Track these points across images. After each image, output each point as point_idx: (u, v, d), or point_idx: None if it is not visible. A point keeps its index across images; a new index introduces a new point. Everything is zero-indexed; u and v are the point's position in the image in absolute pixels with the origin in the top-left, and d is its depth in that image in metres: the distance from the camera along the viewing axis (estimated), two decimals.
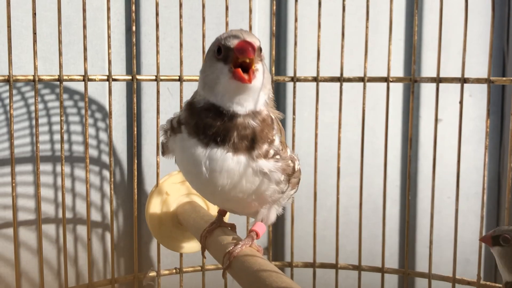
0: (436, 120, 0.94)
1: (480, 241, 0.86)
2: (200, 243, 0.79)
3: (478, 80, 0.92)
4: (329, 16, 1.08)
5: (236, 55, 0.62)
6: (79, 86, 1.03)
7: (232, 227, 0.79)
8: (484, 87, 1.08)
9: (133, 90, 0.91)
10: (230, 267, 0.69)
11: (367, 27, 0.96)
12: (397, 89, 1.18)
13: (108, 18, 0.87)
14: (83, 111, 1.02)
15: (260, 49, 0.65)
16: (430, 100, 1.18)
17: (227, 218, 0.86)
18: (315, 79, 0.98)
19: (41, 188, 1.00)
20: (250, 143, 0.65)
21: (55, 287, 1.03)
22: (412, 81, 0.97)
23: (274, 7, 0.98)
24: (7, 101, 0.98)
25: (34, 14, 0.81)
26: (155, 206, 0.94)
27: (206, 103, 0.66)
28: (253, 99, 0.65)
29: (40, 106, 1.01)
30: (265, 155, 0.66)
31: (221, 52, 0.64)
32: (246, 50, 0.61)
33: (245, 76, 0.62)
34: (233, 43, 0.63)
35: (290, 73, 1.14)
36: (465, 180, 1.19)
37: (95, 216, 1.06)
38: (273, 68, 1.00)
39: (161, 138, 0.74)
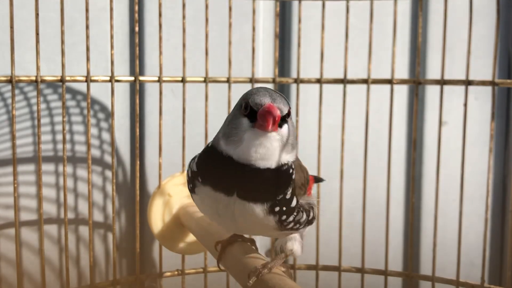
0: (441, 122, 0.93)
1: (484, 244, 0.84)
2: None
3: (482, 83, 0.91)
4: (333, 17, 1.08)
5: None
6: (81, 86, 1.03)
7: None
8: (489, 89, 1.07)
9: (136, 91, 0.91)
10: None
11: (371, 28, 0.96)
12: (402, 91, 1.18)
13: (111, 18, 0.87)
14: (85, 111, 1.02)
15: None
16: (435, 103, 1.18)
17: None
18: (319, 81, 0.98)
19: (43, 188, 1.00)
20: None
21: (57, 287, 1.03)
22: (416, 83, 0.96)
23: (278, 8, 0.98)
24: (9, 101, 0.98)
25: (37, 14, 0.81)
26: (157, 208, 0.94)
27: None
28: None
29: (43, 106, 1.01)
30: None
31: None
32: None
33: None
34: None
35: (293, 74, 1.13)
36: (470, 183, 1.18)
37: (98, 216, 1.06)
38: (276, 70, 1.00)
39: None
